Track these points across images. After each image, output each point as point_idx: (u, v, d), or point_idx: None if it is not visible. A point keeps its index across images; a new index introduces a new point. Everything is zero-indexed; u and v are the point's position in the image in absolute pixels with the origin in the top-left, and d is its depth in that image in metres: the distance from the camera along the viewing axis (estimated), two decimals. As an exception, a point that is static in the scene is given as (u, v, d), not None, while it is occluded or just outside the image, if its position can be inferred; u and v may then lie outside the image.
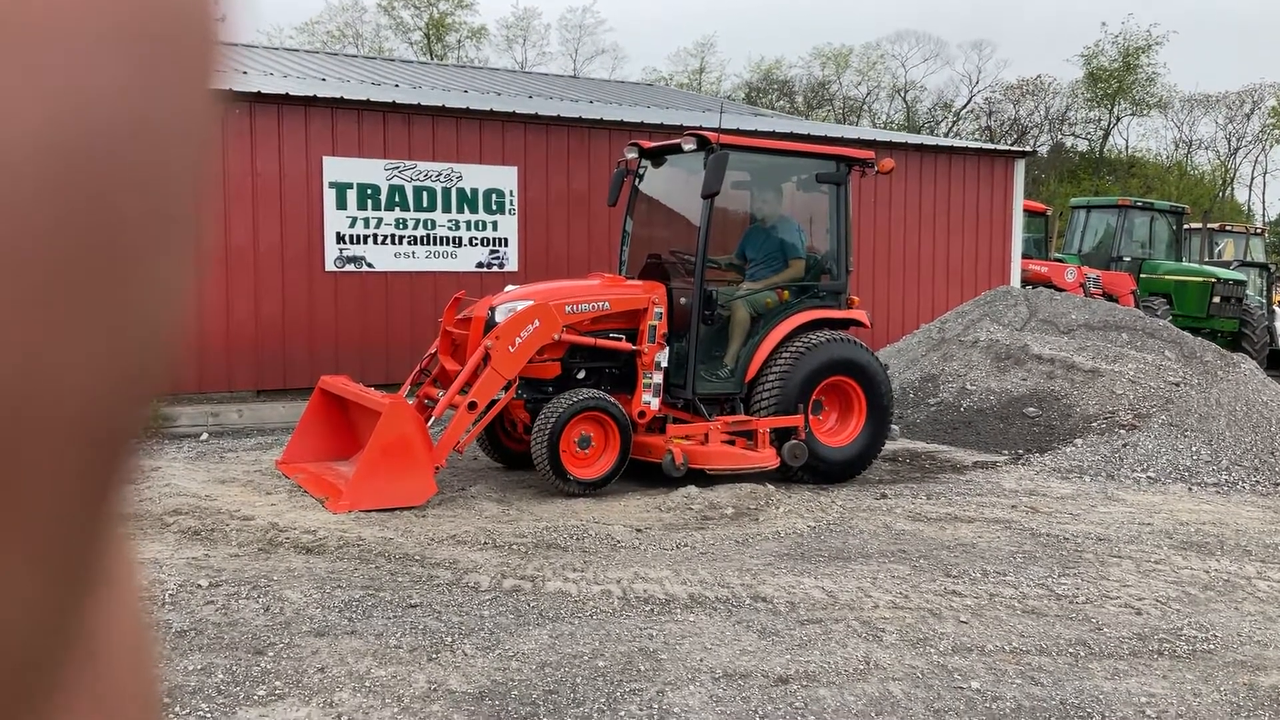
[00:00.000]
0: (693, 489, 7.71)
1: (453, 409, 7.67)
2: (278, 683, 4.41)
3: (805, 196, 9.26)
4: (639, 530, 6.89)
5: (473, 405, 7.58)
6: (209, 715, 4.11)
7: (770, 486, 7.93)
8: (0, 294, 0.24)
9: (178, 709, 4.14)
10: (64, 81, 0.25)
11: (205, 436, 10.18)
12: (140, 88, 0.27)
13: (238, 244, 11.19)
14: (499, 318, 7.94)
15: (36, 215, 0.25)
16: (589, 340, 8.08)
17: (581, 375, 8.25)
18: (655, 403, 8.29)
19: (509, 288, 8.63)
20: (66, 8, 0.25)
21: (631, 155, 9.27)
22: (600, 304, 8.17)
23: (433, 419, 7.69)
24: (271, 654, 4.70)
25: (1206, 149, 55.28)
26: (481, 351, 7.69)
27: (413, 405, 7.80)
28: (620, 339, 8.21)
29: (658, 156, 9.24)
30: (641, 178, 9.35)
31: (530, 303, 7.95)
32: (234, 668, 4.54)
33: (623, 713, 4.22)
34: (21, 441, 0.25)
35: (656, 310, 8.26)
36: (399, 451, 7.19)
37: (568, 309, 8.00)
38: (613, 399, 7.96)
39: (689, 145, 8.53)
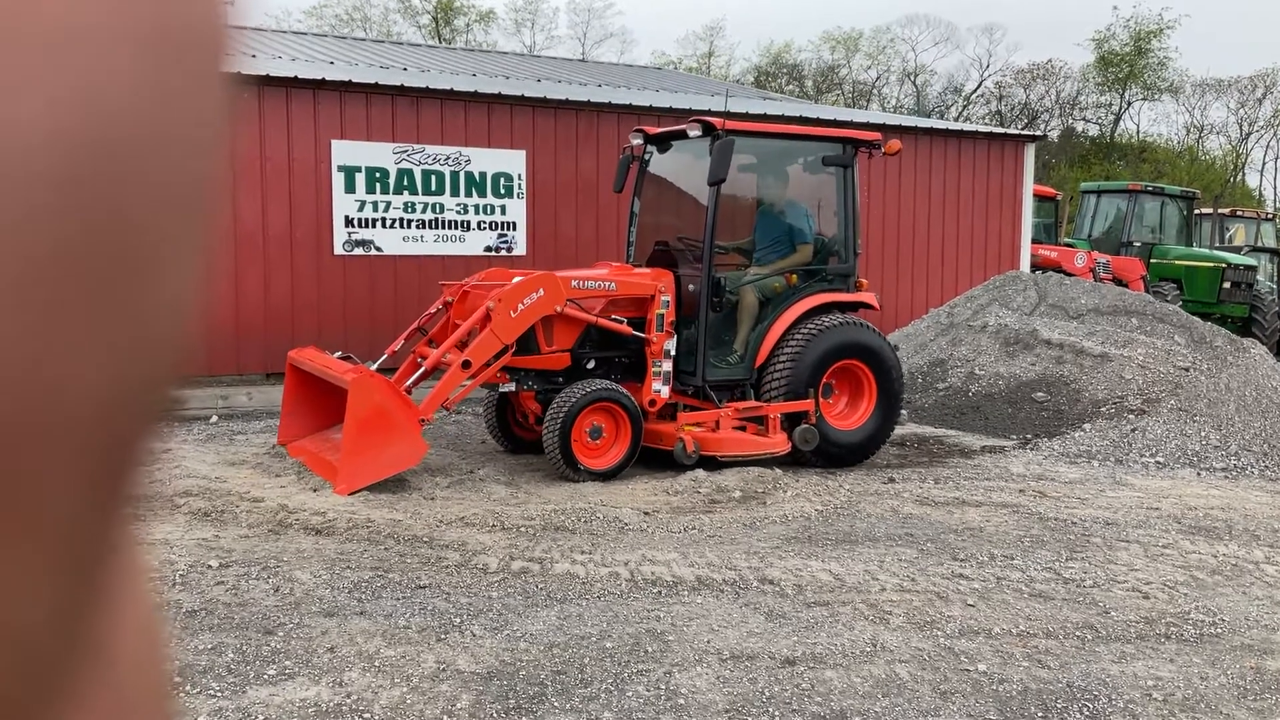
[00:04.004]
0: (700, 473, 7.73)
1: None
2: (288, 662, 4.44)
3: (812, 180, 9.23)
4: (647, 513, 6.91)
5: (466, 364, 7.54)
6: (219, 694, 4.14)
7: (778, 470, 7.94)
8: (14, 297, 0.24)
9: (188, 688, 4.17)
10: (79, 84, 0.25)
11: (215, 419, 10.22)
12: (154, 90, 0.27)
13: (246, 227, 11.20)
14: None
15: (51, 218, 0.25)
16: (590, 318, 8.05)
17: (591, 365, 8.25)
18: (665, 390, 8.29)
19: (516, 278, 8.61)
20: (80, 11, 0.25)
21: (637, 141, 9.24)
22: (607, 284, 8.16)
23: (419, 373, 7.66)
24: (281, 634, 4.73)
25: (1218, 134, 54.99)
26: (483, 311, 7.67)
27: (375, 371, 7.59)
28: (621, 322, 8.19)
29: (663, 142, 9.21)
30: (647, 163, 9.33)
31: (540, 292, 7.94)
32: (244, 647, 4.57)
33: (630, 693, 4.24)
34: (36, 444, 0.25)
35: (664, 298, 8.26)
36: (378, 422, 7.10)
37: (574, 284, 7.99)
38: (624, 390, 7.96)
39: (694, 132, 8.51)
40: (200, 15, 0.28)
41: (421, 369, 7.75)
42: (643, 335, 8.22)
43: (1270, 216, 25.87)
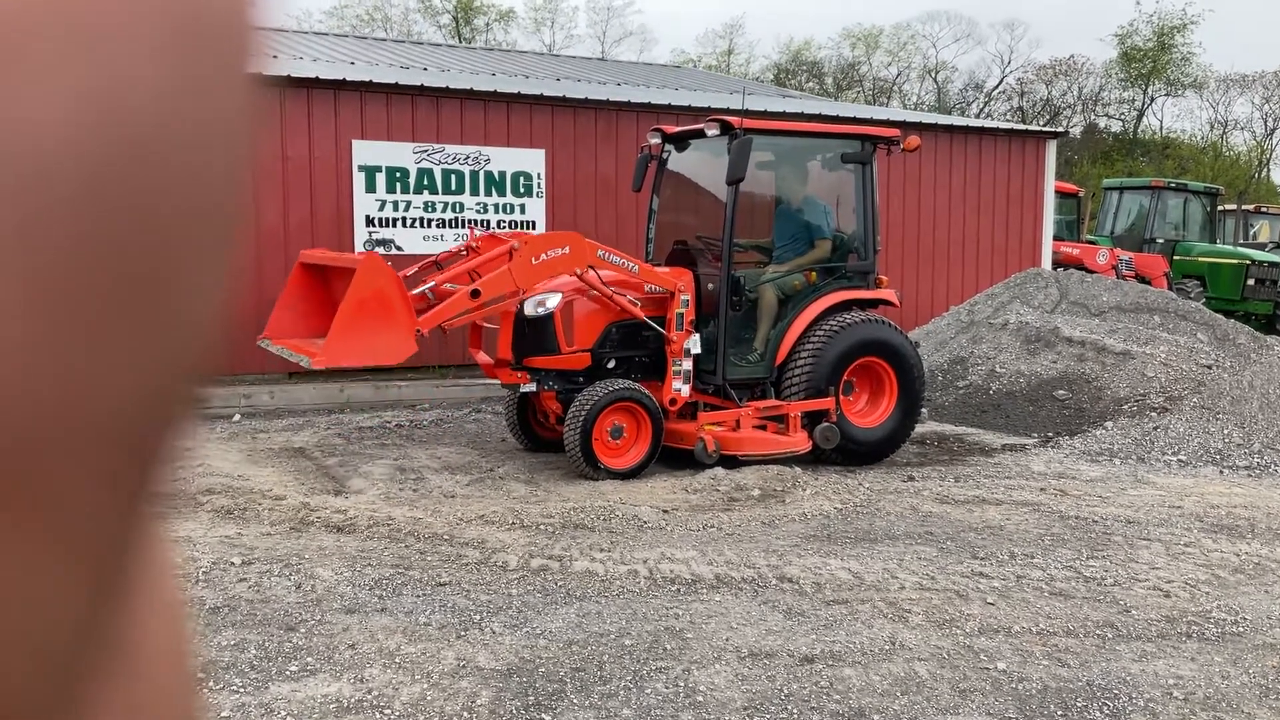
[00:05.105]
0: (719, 471, 7.74)
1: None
2: (309, 659, 4.47)
3: (831, 177, 9.21)
4: (666, 511, 6.92)
5: (475, 293, 7.48)
6: (242, 690, 4.18)
7: (797, 469, 7.94)
8: (36, 297, 0.24)
9: (211, 684, 4.21)
10: (100, 82, 0.25)
11: (237, 417, 10.30)
12: (177, 87, 0.26)
13: (268, 227, 11.28)
14: (528, 310, 7.95)
15: (73, 217, 0.24)
16: (606, 291, 7.96)
17: (611, 365, 8.26)
18: (686, 390, 8.30)
19: None
20: (102, 6, 0.25)
21: (655, 141, 9.24)
22: (630, 265, 8.11)
23: (422, 289, 7.60)
24: (303, 630, 4.77)
25: (1242, 129, 54.52)
26: (506, 249, 7.66)
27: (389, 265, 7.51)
28: (636, 304, 8.16)
29: (682, 141, 9.21)
30: (666, 162, 9.33)
31: (559, 296, 7.97)
32: (266, 644, 4.61)
33: (649, 690, 4.25)
34: (59, 445, 0.25)
35: (683, 298, 8.26)
36: (376, 307, 7.00)
37: (599, 254, 7.94)
38: (645, 390, 7.97)
39: (712, 131, 8.49)
40: (224, 11, 0.28)
41: (428, 285, 7.71)
42: (660, 330, 8.22)
43: (1295, 213, 25.62)
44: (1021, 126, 17.15)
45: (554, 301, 7.97)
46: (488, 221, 12.43)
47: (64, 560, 0.26)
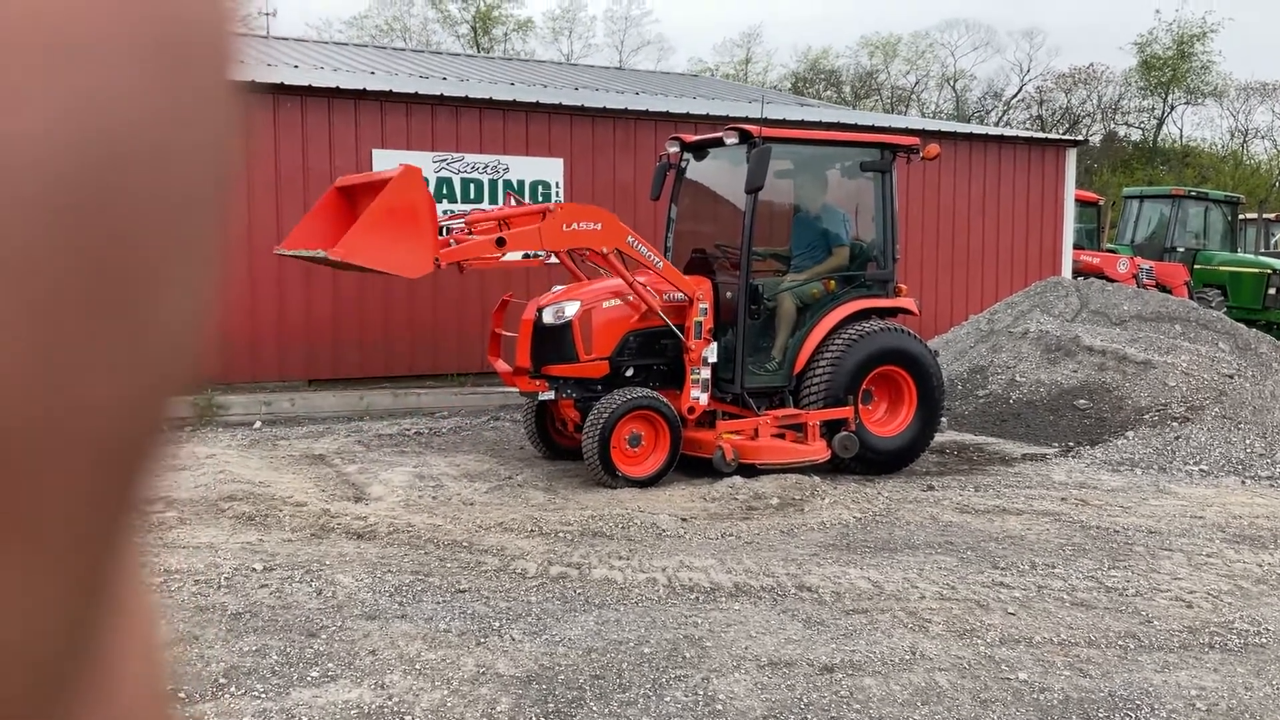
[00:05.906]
0: (738, 479, 7.73)
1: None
2: (330, 664, 4.49)
3: (850, 185, 9.21)
4: (684, 520, 6.92)
5: (501, 241, 7.50)
6: (264, 696, 4.20)
7: (816, 478, 7.93)
8: (18, 310, 0.24)
9: (234, 689, 4.24)
10: (82, 96, 0.25)
11: (258, 425, 10.35)
12: (158, 101, 0.26)
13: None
14: (546, 319, 7.97)
15: (55, 232, 0.25)
16: (627, 276, 7.95)
17: (630, 373, 8.27)
18: (704, 398, 8.30)
19: (555, 288, 8.64)
20: (83, 21, 0.25)
21: (673, 149, 9.26)
22: (656, 260, 8.11)
23: (447, 231, 7.65)
24: (324, 636, 4.79)
25: (1263, 138, 54.13)
26: (541, 209, 7.70)
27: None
28: (654, 297, 8.16)
29: (700, 150, 9.22)
30: (684, 171, 9.34)
31: (578, 303, 8.00)
32: (288, 649, 4.63)
33: (668, 698, 4.25)
34: (41, 457, 0.25)
35: (701, 305, 8.26)
36: (404, 216, 6.97)
37: (629, 240, 7.94)
38: (663, 398, 7.97)
39: (731, 139, 8.51)
40: (205, 25, 0.28)
41: (452, 221, 7.71)
42: (679, 337, 8.22)
43: (1318, 221, 25.44)
44: (1041, 135, 17.11)
45: (572, 309, 7.99)
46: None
47: (47, 570, 0.26)
